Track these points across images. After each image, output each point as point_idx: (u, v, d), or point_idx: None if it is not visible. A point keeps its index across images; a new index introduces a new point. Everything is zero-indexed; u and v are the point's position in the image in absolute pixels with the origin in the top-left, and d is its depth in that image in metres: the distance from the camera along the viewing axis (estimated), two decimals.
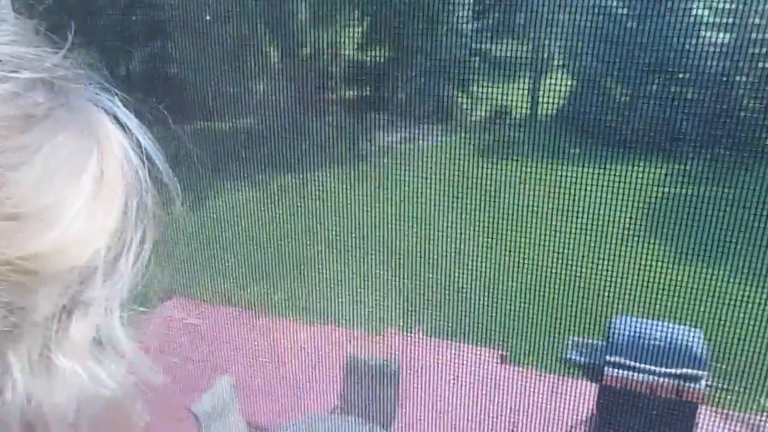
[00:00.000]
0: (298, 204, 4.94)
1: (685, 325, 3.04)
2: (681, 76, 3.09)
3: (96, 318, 0.27)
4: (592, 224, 3.16)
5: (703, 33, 2.82)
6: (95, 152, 0.28)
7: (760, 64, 2.65)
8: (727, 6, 2.63)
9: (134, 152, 0.30)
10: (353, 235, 4.75)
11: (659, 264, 3.28)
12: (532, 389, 3.48)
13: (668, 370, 3.01)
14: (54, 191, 0.25)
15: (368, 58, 6.38)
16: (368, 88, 6.84)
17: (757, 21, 2.49)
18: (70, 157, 0.27)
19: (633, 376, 3.08)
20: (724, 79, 2.72)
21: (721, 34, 2.68)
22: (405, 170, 4.11)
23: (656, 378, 3.02)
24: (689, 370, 2.99)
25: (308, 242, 5.10)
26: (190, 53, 5.74)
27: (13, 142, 0.24)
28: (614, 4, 3.43)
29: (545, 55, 4.54)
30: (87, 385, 0.26)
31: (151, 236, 0.30)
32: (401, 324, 4.29)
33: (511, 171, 3.94)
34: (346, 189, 4.29)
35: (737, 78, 2.76)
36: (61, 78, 0.28)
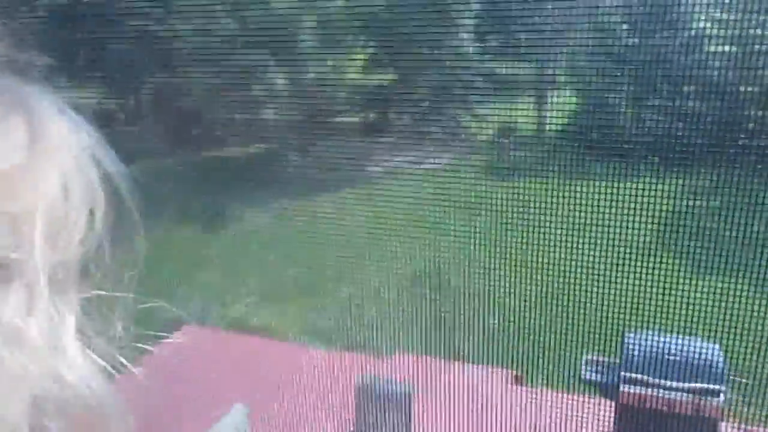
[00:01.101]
0: (306, 228, 4.94)
1: (700, 338, 3.00)
2: (687, 88, 3.10)
3: (39, 297, 0.23)
4: (603, 241, 3.14)
5: (707, 45, 2.84)
6: (27, 119, 0.25)
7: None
8: (730, 17, 2.64)
9: (71, 133, 0.27)
10: (361, 257, 4.73)
11: (673, 279, 3.25)
12: (548, 410, 3.43)
13: (686, 385, 2.96)
14: None
15: (373, 82, 6.45)
16: (373, 112, 6.90)
17: (759, 32, 2.50)
18: None
19: (650, 392, 3.03)
20: (732, 89, 2.73)
21: (725, 46, 2.70)
22: (412, 192, 4.12)
23: (674, 393, 2.97)
24: (707, 385, 2.93)
25: (316, 266, 5.09)
26: (197, 81, 5.80)
27: None
28: (617, 19, 3.46)
29: (550, 73, 4.57)
30: (44, 386, 0.21)
31: (102, 224, 0.27)
32: (412, 346, 4.24)
33: (520, 189, 3.93)
34: (353, 212, 4.29)
35: (746, 88, 2.76)
36: None
